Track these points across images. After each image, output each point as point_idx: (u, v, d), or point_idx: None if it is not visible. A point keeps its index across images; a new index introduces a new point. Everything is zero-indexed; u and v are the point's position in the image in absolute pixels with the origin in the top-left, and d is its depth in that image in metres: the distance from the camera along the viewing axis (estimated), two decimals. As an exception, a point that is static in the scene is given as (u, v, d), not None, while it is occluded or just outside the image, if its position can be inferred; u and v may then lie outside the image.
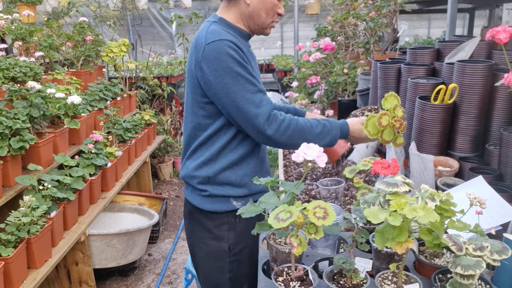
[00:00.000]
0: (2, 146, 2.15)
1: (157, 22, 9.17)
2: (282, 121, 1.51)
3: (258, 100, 1.49)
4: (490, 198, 1.38)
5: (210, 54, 1.47)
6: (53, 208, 2.33)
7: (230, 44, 1.47)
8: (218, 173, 1.60)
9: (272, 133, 1.49)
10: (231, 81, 1.46)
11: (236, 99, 1.47)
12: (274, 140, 1.51)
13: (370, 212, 1.09)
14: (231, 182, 1.62)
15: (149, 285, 3.14)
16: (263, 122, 1.47)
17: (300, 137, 1.51)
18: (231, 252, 1.66)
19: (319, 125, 1.57)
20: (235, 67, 1.46)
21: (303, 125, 1.53)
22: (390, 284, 1.18)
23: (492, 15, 4.55)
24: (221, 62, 1.46)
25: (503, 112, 1.77)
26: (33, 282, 2.07)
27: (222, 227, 1.64)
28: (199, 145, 1.62)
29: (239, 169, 1.62)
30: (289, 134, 1.51)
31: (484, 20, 5.74)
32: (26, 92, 2.51)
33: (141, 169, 4.06)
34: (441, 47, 2.21)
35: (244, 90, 1.47)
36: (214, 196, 1.63)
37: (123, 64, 4.45)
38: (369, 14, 3.37)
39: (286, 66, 7.93)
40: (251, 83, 1.48)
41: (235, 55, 1.46)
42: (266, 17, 1.59)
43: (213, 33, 1.50)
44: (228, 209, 1.63)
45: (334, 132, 1.58)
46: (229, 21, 1.60)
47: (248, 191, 1.65)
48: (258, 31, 1.65)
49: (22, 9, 4.18)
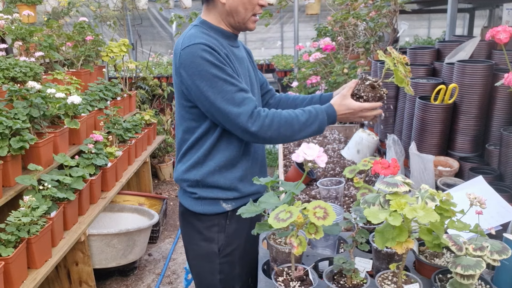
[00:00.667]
0: (2, 146, 2.15)
1: (157, 22, 9.17)
2: (266, 116, 1.50)
3: (239, 99, 1.48)
4: (490, 198, 1.38)
5: (186, 59, 1.48)
6: (53, 208, 2.33)
7: (204, 47, 1.46)
8: (206, 176, 1.61)
9: (256, 129, 1.48)
10: (208, 84, 1.46)
11: (216, 101, 1.47)
12: (260, 136, 1.50)
13: (370, 212, 1.09)
14: (219, 185, 1.61)
15: (149, 285, 3.14)
16: (246, 120, 1.47)
17: (287, 129, 1.51)
18: (221, 254, 1.66)
19: (304, 113, 1.55)
20: (211, 69, 1.46)
21: (287, 117, 1.52)
22: (390, 284, 1.18)
23: (492, 15, 4.55)
24: (197, 65, 1.46)
25: (503, 112, 1.77)
26: (33, 282, 2.07)
27: (212, 228, 1.65)
28: (188, 148, 1.63)
29: (228, 173, 1.61)
30: (274, 128, 1.50)
31: (484, 20, 5.73)
32: (26, 92, 2.51)
33: (141, 169, 4.05)
34: (441, 47, 2.21)
35: (223, 92, 1.46)
36: (203, 198, 1.63)
37: (123, 64, 4.45)
38: (369, 14, 3.37)
39: (286, 66, 7.93)
40: (229, 83, 1.47)
41: (209, 58, 1.46)
42: (245, 12, 1.56)
43: (190, 37, 1.51)
44: (217, 211, 1.63)
45: (320, 117, 1.55)
46: (211, 23, 1.60)
47: (239, 194, 1.64)
48: (241, 27, 1.61)
49: (22, 9, 4.18)
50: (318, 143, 2.94)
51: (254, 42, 10.13)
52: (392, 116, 2.36)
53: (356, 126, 3.20)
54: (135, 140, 3.69)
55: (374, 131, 2.59)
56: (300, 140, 1.65)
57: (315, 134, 1.57)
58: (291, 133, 1.52)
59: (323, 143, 2.94)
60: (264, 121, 1.49)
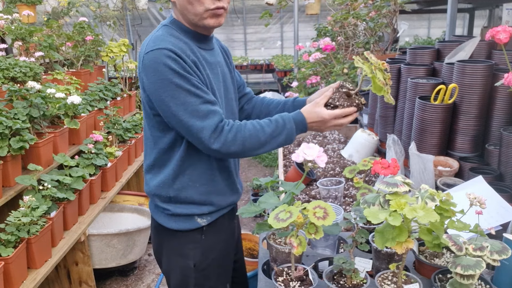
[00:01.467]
0: (2, 146, 2.15)
1: (157, 22, 9.16)
2: (229, 131, 1.40)
3: (204, 113, 1.37)
4: (490, 198, 1.38)
5: (148, 64, 1.36)
6: (53, 208, 2.33)
7: (169, 53, 1.35)
8: (179, 192, 1.52)
9: (219, 146, 1.38)
10: (171, 94, 1.35)
11: (178, 113, 1.36)
12: (223, 152, 1.41)
13: (370, 212, 1.09)
14: (193, 201, 1.53)
15: (149, 285, 3.14)
16: (208, 136, 1.37)
17: (252, 142, 1.42)
18: (197, 269, 1.59)
19: (270, 124, 1.44)
20: (174, 78, 1.34)
21: (251, 129, 1.42)
22: (390, 284, 1.18)
23: (492, 15, 4.56)
24: (159, 73, 1.34)
25: (503, 112, 1.78)
26: (33, 282, 2.07)
27: (187, 245, 1.57)
28: (156, 159, 1.53)
29: (201, 186, 1.53)
30: (238, 142, 1.40)
31: (484, 20, 5.73)
32: (26, 92, 2.51)
33: (141, 169, 4.05)
34: (441, 47, 2.21)
35: (186, 103, 1.35)
36: (177, 215, 1.54)
37: (123, 64, 4.45)
38: (369, 14, 3.37)
39: (286, 66, 7.93)
40: (194, 94, 1.36)
41: (173, 66, 1.34)
42: (192, 7, 1.40)
43: (155, 40, 1.40)
44: (192, 227, 1.55)
45: (288, 126, 1.44)
46: (181, 23, 1.48)
47: (214, 208, 1.56)
48: (199, 24, 1.45)
49: (22, 9, 4.18)
50: (318, 143, 2.94)
51: (254, 42, 10.13)
52: (392, 116, 2.37)
53: (356, 126, 3.20)
54: (135, 140, 3.69)
55: (374, 131, 2.60)
56: (269, 151, 1.56)
57: (284, 144, 1.48)
58: (258, 145, 1.43)
59: (323, 143, 2.94)
60: (227, 136, 1.39)
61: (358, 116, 3.21)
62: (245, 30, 9.94)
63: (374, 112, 2.61)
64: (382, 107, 2.39)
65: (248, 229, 3.88)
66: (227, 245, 1.67)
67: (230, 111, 1.62)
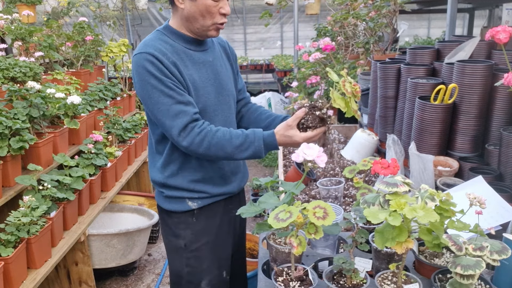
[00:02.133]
0: (2, 146, 2.15)
1: (157, 22, 9.16)
2: (198, 133, 1.51)
3: (174, 113, 1.50)
4: (490, 198, 1.38)
5: (133, 67, 1.54)
6: (53, 208, 2.33)
7: (149, 56, 1.49)
8: (168, 178, 1.67)
9: (187, 145, 1.51)
10: (148, 94, 1.51)
11: (153, 111, 1.53)
12: (192, 151, 1.54)
13: (370, 212, 1.09)
14: (182, 187, 1.67)
15: (149, 285, 3.14)
16: (177, 134, 1.50)
17: (218, 149, 1.52)
18: (188, 249, 1.73)
19: (240, 136, 1.53)
20: (150, 79, 1.49)
21: (220, 138, 1.52)
22: (390, 284, 1.18)
23: (492, 15, 4.56)
24: (140, 75, 1.51)
25: (503, 112, 1.78)
26: (33, 282, 2.07)
27: (179, 225, 1.72)
28: (153, 150, 1.71)
29: (188, 175, 1.66)
30: (205, 146, 1.51)
31: (484, 20, 5.74)
32: (26, 92, 2.51)
33: (141, 169, 4.05)
34: (441, 47, 2.21)
35: (159, 103, 1.50)
36: (170, 197, 1.70)
37: (123, 64, 4.45)
38: (369, 14, 3.37)
39: (286, 66, 7.93)
40: (166, 95, 1.49)
41: (150, 68, 1.49)
42: (203, 20, 1.54)
43: (143, 44, 1.55)
44: (184, 209, 1.70)
45: (256, 143, 1.53)
46: (174, 28, 1.61)
47: (205, 194, 1.69)
48: (201, 34, 1.59)
49: (21, 9, 4.17)
50: (318, 143, 2.94)
51: (254, 42, 10.13)
52: (392, 116, 2.37)
53: (356, 126, 3.20)
54: (134, 140, 3.69)
55: (374, 131, 2.60)
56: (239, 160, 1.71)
57: (252, 158, 1.57)
58: (224, 154, 1.54)
59: (323, 143, 2.93)
60: (195, 138, 1.51)
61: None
62: (245, 30, 9.94)
63: (374, 112, 2.61)
64: (382, 107, 2.39)
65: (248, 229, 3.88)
66: (221, 232, 1.78)
67: (226, 105, 1.70)
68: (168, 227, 1.76)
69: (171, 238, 1.76)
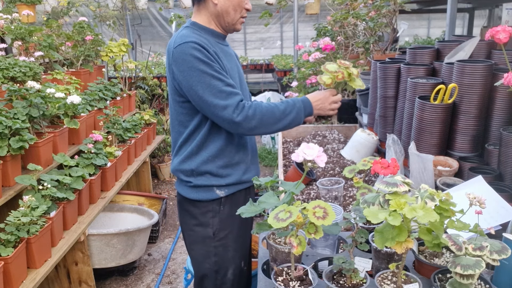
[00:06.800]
0: (1, 146, 2.15)
1: (157, 22, 9.17)
2: (249, 107, 1.63)
3: (226, 93, 1.60)
4: (490, 198, 1.38)
5: (178, 56, 1.61)
6: (53, 208, 2.32)
7: (194, 45, 1.59)
8: (200, 165, 1.73)
9: (241, 119, 1.61)
10: (197, 79, 1.59)
11: (204, 95, 1.59)
12: (245, 126, 1.63)
13: (370, 212, 1.09)
14: (212, 173, 1.74)
15: (149, 285, 3.14)
16: (231, 111, 1.60)
17: (269, 117, 1.65)
18: (216, 237, 1.78)
19: (282, 103, 1.70)
20: (199, 65, 1.58)
21: (267, 107, 1.66)
22: (390, 284, 1.18)
23: (491, 15, 4.56)
24: (187, 62, 1.59)
25: (503, 112, 1.78)
26: (33, 282, 2.07)
27: (207, 214, 1.77)
28: (183, 141, 1.76)
29: (218, 160, 1.74)
30: (258, 117, 1.63)
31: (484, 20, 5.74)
32: (25, 92, 2.51)
33: (140, 169, 4.05)
34: (440, 47, 2.21)
35: (210, 86, 1.59)
36: (198, 186, 1.75)
37: (122, 64, 4.45)
38: (369, 14, 3.37)
39: (286, 66, 7.93)
40: (216, 78, 1.60)
41: (198, 55, 1.58)
42: (234, 13, 1.70)
43: (181, 37, 1.63)
44: (211, 198, 1.76)
45: (298, 105, 1.71)
46: (201, 24, 1.72)
47: (231, 180, 1.76)
48: (230, 28, 1.75)
49: (21, 8, 4.17)
50: (318, 143, 2.94)
51: (254, 42, 10.13)
52: (391, 116, 2.37)
53: (356, 126, 3.20)
54: (134, 140, 3.69)
55: (374, 131, 2.60)
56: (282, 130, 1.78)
57: (294, 122, 1.71)
58: (273, 121, 1.66)
59: (322, 143, 2.93)
60: (248, 111, 1.62)
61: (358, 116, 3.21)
62: (245, 30, 9.94)
63: (374, 112, 2.61)
64: (382, 107, 2.39)
65: (247, 229, 3.88)
66: (242, 222, 1.82)
67: (246, 97, 1.84)
68: (194, 217, 1.80)
69: (197, 229, 1.80)
